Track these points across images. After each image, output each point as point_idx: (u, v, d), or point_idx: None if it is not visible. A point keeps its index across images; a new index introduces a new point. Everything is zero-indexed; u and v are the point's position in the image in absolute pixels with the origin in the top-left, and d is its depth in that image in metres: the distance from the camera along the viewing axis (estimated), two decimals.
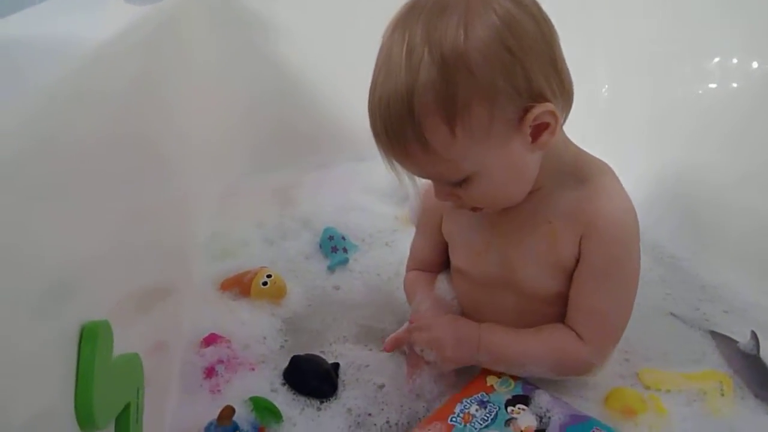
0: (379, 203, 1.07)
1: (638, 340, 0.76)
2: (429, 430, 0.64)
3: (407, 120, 0.54)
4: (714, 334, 0.79)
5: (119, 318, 0.63)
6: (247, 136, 1.19)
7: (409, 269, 0.82)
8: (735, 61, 1.00)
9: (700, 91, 1.04)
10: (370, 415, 0.69)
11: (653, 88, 1.09)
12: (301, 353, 0.75)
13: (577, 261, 0.65)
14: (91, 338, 0.44)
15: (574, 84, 0.60)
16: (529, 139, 0.57)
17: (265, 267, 0.91)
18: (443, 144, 0.55)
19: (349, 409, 0.70)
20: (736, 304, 0.85)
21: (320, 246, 0.99)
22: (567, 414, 0.64)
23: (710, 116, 1.00)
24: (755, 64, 0.98)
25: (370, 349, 0.78)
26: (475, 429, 0.63)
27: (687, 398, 0.70)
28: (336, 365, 0.75)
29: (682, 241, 0.97)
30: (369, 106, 0.58)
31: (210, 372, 0.74)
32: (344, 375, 0.74)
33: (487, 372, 0.70)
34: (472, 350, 0.68)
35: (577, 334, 0.66)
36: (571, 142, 0.66)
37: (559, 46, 0.58)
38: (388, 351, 0.73)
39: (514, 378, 0.69)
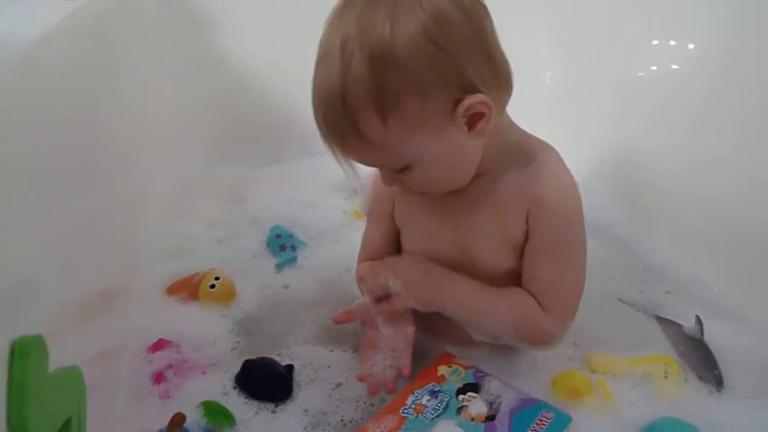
0: (329, 198, 1.06)
1: (586, 325, 0.76)
2: (381, 422, 0.64)
3: (342, 112, 0.56)
4: (659, 319, 0.81)
5: (60, 326, 0.61)
6: (197, 132, 1.16)
7: (360, 261, 0.81)
8: (673, 43, 1.03)
9: (641, 74, 1.07)
10: (325, 414, 0.68)
11: (598, 72, 1.11)
12: (254, 357, 0.74)
13: (527, 236, 0.67)
14: (23, 355, 0.42)
15: (517, 71, 0.61)
16: (465, 128, 0.59)
17: (213, 269, 0.89)
18: (378, 135, 0.57)
19: (306, 410, 0.69)
20: (678, 283, 0.88)
21: (267, 245, 0.97)
22: (516, 398, 0.65)
23: (652, 98, 1.03)
24: (691, 46, 1.01)
25: (329, 349, 0.77)
26: (427, 419, 0.64)
27: (632, 382, 0.71)
28: (290, 367, 0.74)
29: (627, 222, 0.99)
30: (312, 98, 0.59)
31: (159, 377, 0.72)
32: (300, 376, 0.73)
33: (438, 362, 0.70)
34: (435, 287, 0.69)
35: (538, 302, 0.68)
36: (516, 126, 0.68)
37: (493, 35, 0.59)
38: (338, 322, 0.72)
39: (465, 366, 0.70)
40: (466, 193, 0.67)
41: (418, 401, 0.66)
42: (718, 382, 0.72)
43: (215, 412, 0.66)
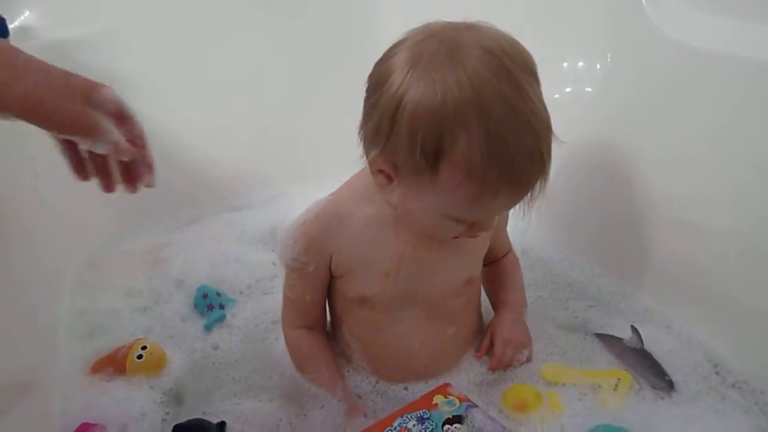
0: (255, 252, 1.03)
1: (536, 340, 0.80)
2: None
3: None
4: (599, 336, 0.83)
5: None
6: (106, 200, 1.12)
7: (296, 326, 0.78)
8: (581, 64, 1.07)
9: (557, 96, 1.10)
10: None
11: None
12: (183, 420, 0.71)
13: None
14: None
15: None
16: None
17: (139, 338, 0.85)
18: None
19: None
20: (599, 297, 0.92)
21: (195, 305, 0.94)
22: None
23: (571, 120, 1.06)
24: (598, 66, 1.05)
25: (257, 399, 0.75)
26: None
27: (579, 393, 0.73)
28: (222, 424, 0.71)
29: (548, 244, 1.02)
30: (525, 141, 0.57)
31: None
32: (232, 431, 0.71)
33: (436, 391, 0.71)
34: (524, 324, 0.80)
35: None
36: None
37: None
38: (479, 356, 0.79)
39: (461, 399, 0.70)
40: None
41: (405, 425, 0.66)
42: (669, 386, 0.74)
43: None
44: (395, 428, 0.66)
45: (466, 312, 0.80)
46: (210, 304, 0.93)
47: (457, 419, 0.67)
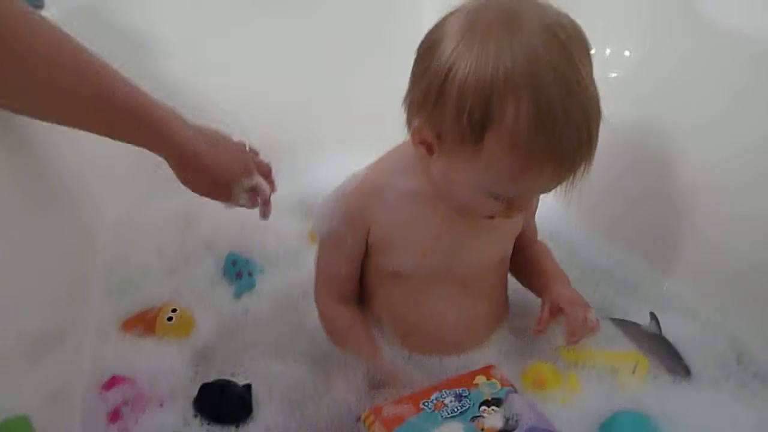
0: (284, 221, 1.04)
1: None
2: (397, 406, 0.64)
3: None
4: (616, 321, 0.83)
5: (7, 371, 0.58)
6: (144, 157, 1.13)
7: (332, 299, 0.79)
8: (608, 51, 1.06)
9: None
10: (287, 430, 0.68)
11: None
12: (211, 380, 0.73)
13: None
14: None
15: None
16: None
17: (169, 301, 0.87)
18: None
19: (267, 427, 0.68)
20: (627, 282, 0.91)
21: (224, 272, 0.95)
22: (534, 422, 0.64)
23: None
24: (627, 53, 1.04)
25: (284, 364, 0.76)
26: (440, 417, 0.64)
27: (599, 375, 0.74)
28: (248, 386, 0.73)
29: (577, 228, 1.02)
30: (575, 116, 0.56)
31: (115, 416, 0.70)
32: (259, 394, 0.72)
33: (480, 371, 0.70)
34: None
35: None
36: None
37: None
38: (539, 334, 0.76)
39: (504, 383, 0.69)
40: None
41: (441, 399, 0.66)
42: (686, 372, 0.75)
43: None
44: (432, 401, 0.65)
45: (497, 289, 0.81)
46: (239, 272, 0.94)
47: (495, 402, 0.66)
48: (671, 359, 0.76)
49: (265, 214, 0.84)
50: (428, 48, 0.59)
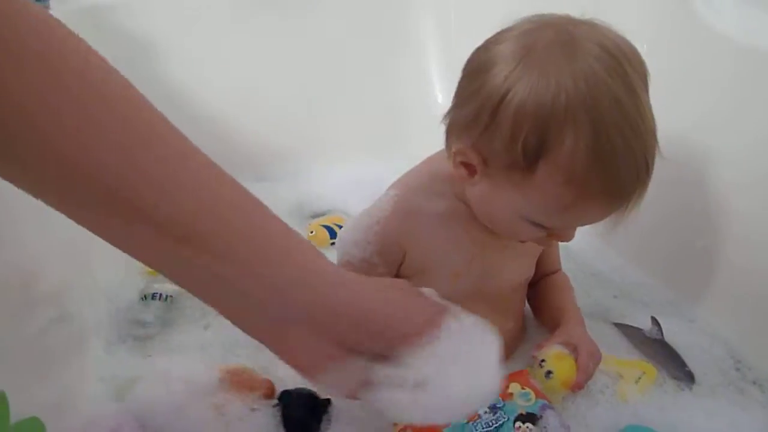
0: (289, 224, 1.03)
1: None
2: None
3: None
4: (618, 325, 0.83)
5: (19, 372, 0.58)
6: None
7: None
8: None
9: None
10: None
11: None
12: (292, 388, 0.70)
13: None
14: None
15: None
16: None
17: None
18: None
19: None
20: (623, 288, 0.92)
21: None
22: None
23: None
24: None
25: None
26: (475, 430, 0.62)
27: (602, 384, 0.72)
28: (328, 401, 0.70)
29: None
30: (633, 150, 0.54)
31: None
32: (340, 414, 0.69)
33: (513, 378, 0.68)
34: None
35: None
36: None
37: None
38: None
39: (537, 394, 0.66)
40: None
41: (477, 410, 0.63)
42: (689, 378, 0.74)
43: None
44: None
45: (520, 308, 0.80)
46: None
47: (530, 418, 0.63)
48: (675, 365, 0.76)
49: None
50: (478, 69, 0.57)
